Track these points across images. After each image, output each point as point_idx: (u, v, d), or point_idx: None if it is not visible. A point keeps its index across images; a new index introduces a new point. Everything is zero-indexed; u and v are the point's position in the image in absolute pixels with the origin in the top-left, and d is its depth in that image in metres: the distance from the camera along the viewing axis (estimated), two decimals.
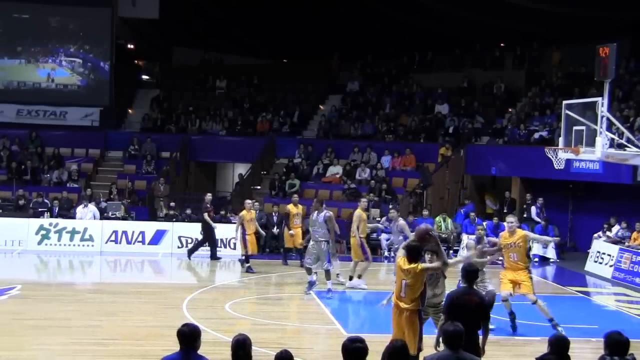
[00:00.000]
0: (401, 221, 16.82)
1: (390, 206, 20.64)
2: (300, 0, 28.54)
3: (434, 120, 27.54)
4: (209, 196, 21.23)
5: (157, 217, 22.93)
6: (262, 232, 20.19)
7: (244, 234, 18.30)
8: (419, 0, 27.21)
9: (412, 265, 8.81)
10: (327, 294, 15.15)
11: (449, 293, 8.45)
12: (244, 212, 18.52)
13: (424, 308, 9.18)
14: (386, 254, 21.45)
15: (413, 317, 8.78)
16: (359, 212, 16.49)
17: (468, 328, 7.00)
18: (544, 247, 21.62)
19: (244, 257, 18.46)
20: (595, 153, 13.33)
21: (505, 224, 13.57)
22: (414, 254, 8.98)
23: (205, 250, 20.85)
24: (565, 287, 17.60)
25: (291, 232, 19.18)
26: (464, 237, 20.97)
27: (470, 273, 8.46)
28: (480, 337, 8.15)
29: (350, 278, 16.66)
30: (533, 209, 22.79)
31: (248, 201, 19.25)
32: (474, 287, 8.57)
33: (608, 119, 13.41)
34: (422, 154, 25.53)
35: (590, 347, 11.17)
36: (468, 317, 7.63)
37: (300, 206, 19.41)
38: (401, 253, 9.32)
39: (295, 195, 20.17)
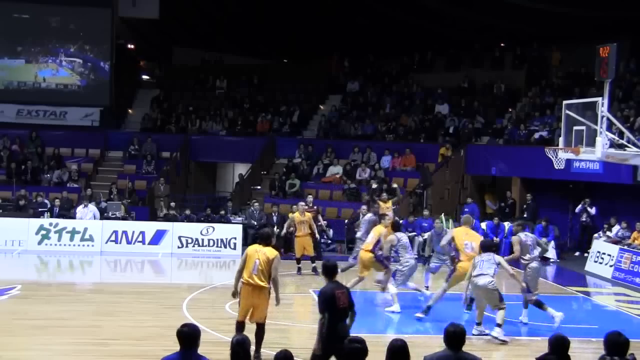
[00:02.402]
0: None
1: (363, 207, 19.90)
2: (300, 1, 28.53)
3: (434, 120, 27.54)
4: (310, 198, 21.31)
5: (157, 217, 22.93)
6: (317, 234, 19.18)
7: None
8: (419, 0, 27.21)
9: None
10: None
11: (321, 289, 8.64)
12: (296, 214, 18.22)
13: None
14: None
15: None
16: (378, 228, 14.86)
17: (341, 319, 8.27)
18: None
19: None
20: (595, 153, 13.34)
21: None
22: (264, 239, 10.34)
23: (205, 250, 20.87)
24: (565, 287, 17.59)
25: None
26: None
27: (329, 268, 8.83)
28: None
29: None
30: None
31: (301, 203, 18.89)
32: None
33: (608, 119, 13.42)
34: (422, 154, 25.53)
35: (590, 347, 11.17)
36: (340, 310, 8.37)
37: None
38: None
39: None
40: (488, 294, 12.11)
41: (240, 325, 10.24)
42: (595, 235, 21.34)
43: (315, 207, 21.35)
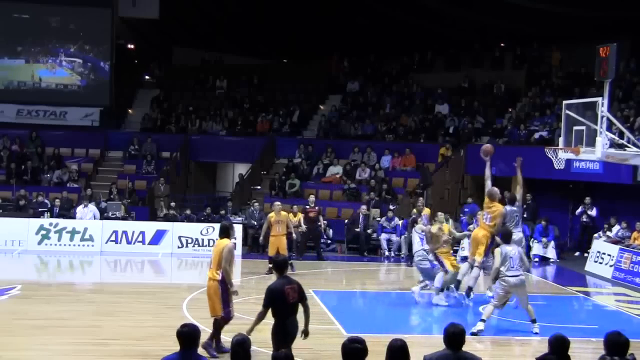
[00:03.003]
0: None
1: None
2: (300, 1, 28.54)
3: (434, 120, 27.54)
4: (312, 198, 21.10)
5: (157, 217, 22.93)
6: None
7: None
8: (419, 0, 27.21)
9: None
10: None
11: (269, 285, 8.78)
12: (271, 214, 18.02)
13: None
14: (387, 253, 21.46)
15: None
16: (428, 228, 15.00)
17: (291, 314, 8.46)
18: (544, 247, 21.71)
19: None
20: (595, 153, 13.32)
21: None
22: (221, 232, 10.64)
23: (205, 250, 20.85)
24: (565, 287, 17.59)
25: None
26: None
27: (279, 263, 9.10)
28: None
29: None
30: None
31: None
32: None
33: (608, 119, 13.40)
34: (422, 154, 25.53)
35: (590, 347, 11.16)
36: (290, 305, 8.51)
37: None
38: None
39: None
40: (525, 289, 12.27)
41: (227, 322, 10.47)
42: (595, 235, 21.33)
43: (317, 208, 21.38)
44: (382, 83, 30.70)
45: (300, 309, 8.66)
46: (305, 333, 8.73)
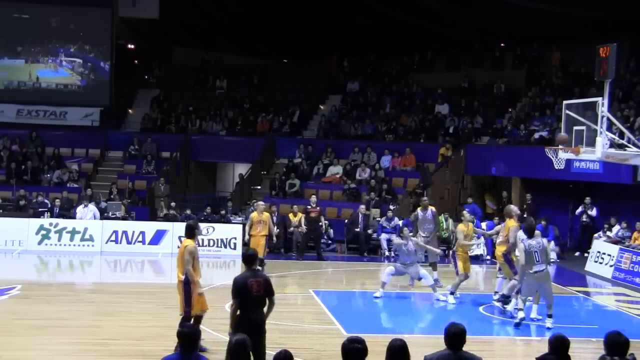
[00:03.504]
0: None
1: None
2: (300, 1, 28.54)
3: (434, 120, 27.55)
4: (313, 198, 21.21)
5: (157, 217, 22.93)
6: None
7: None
8: (419, 0, 27.21)
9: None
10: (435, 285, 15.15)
11: (235, 277, 8.85)
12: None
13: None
14: (387, 253, 21.45)
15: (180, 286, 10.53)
16: (460, 228, 14.84)
17: (254, 307, 8.56)
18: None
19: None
20: (595, 153, 13.33)
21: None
22: (185, 231, 10.65)
23: (205, 250, 20.85)
24: (565, 287, 17.58)
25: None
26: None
27: (246, 256, 9.09)
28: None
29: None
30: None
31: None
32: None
33: (608, 119, 13.41)
34: (422, 154, 25.54)
35: (590, 347, 11.16)
36: (254, 298, 8.58)
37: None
38: None
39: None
40: (550, 282, 12.46)
41: (189, 319, 10.47)
42: (596, 235, 21.33)
43: (318, 208, 21.38)
44: (382, 83, 30.70)
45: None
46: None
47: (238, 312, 8.64)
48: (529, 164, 22.87)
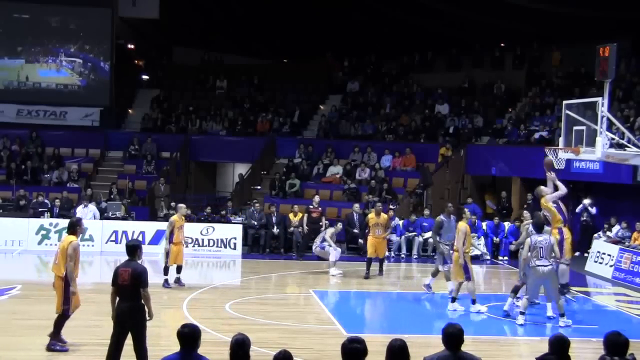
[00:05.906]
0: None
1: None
2: (300, 1, 28.55)
3: (434, 120, 27.55)
4: (316, 198, 21.08)
5: (157, 217, 22.92)
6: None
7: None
8: (419, 0, 27.22)
9: None
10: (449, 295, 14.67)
11: (116, 267, 9.31)
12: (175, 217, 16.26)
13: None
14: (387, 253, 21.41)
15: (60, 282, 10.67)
16: (463, 226, 13.91)
17: (122, 295, 9.14)
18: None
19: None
20: (595, 153, 13.35)
21: None
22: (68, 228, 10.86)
23: (205, 250, 20.87)
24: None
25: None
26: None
27: (127, 247, 9.48)
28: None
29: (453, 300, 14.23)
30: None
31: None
32: None
33: (608, 119, 13.42)
34: (422, 154, 25.54)
35: (590, 347, 11.17)
36: (121, 287, 9.14)
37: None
38: None
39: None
40: (555, 280, 12.44)
41: (68, 317, 10.83)
42: (596, 235, 21.33)
43: (319, 208, 21.36)
44: (382, 83, 30.71)
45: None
46: (149, 315, 9.21)
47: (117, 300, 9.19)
48: (529, 164, 22.87)
